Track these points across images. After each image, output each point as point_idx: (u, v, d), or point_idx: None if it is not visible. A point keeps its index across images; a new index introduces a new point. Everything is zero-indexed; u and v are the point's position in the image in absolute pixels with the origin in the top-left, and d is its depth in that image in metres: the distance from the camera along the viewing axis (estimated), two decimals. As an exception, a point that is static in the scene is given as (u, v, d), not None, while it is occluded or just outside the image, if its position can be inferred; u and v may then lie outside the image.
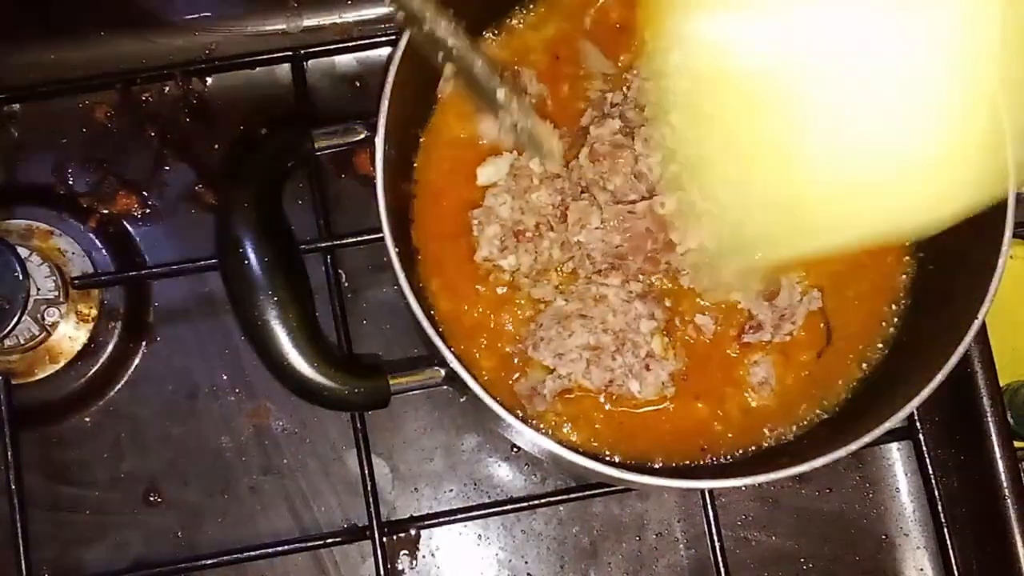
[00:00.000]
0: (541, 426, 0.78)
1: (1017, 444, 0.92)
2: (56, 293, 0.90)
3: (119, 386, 0.92)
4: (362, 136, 0.80)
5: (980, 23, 0.60)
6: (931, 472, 0.91)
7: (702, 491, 0.89)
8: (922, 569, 0.93)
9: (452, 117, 0.83)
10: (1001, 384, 0.91)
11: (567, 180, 0.80)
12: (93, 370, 0.91)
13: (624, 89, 0.81)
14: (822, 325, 0.81)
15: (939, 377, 0.71)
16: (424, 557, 0.91)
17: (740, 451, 0.79)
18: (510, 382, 0.79)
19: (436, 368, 0.77)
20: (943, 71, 0.62)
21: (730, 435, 0.79)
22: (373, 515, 0.88)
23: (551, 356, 0.77)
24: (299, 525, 0.91)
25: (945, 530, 0.90)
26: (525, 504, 0.91)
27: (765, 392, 0.79)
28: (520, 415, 0.77)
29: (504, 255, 0.79)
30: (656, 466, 0.78)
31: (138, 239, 0.94)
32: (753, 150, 0.67)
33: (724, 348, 0.80)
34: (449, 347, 0.71)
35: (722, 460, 0.79)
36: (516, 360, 0.79)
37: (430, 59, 0.73)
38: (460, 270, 0.80)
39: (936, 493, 0.90)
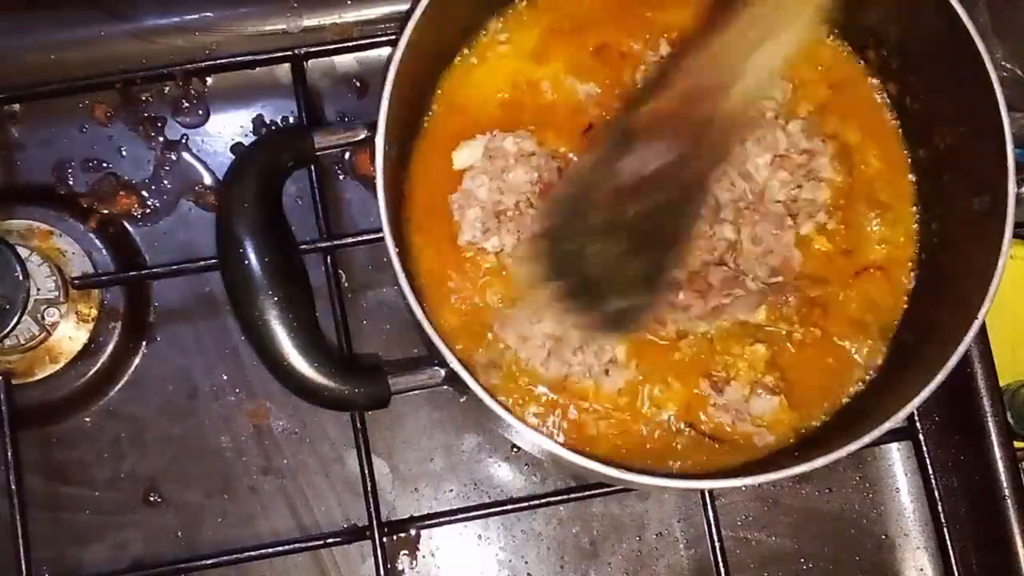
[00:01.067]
0: (540, 425, 0.78)
1: (1017, 444, 0.92)
2: (56, 293, 0.90)
3: (119, 386, 0.92)
4: (362, 136, 0.80)
5: None
6: (931, 472, 0.91)
7: (702, 491, 0.89)
8: (922, 569, 0.93)
9: (449, 117, 0.83)
10: (1001, 384, 0.91)
11: (542, 157, 0.80)
12: (93, 370, 0.91)
13: None
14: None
15: (939, 377, 0.71)
16: (424, 557, 0.91)
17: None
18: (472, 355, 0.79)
19: (436, 368, 0.77)
20: None
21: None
22: (373, 515, 0.88)
23: (515, 337, 0.77)
24: (299, 525, 0.91)
25: (945, 530, 0.90)
26: (525, 504, 0.90)
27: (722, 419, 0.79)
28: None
29: (487, 237, 0.79)
30: (656, 466, 0.79)
31: (138, 239, 0.94)
32: None
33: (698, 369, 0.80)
34: (449, 347, 0.71)
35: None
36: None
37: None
38: (461, 268, 0.80)
39: (936, 493, 0.90)
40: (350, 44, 0.95)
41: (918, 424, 0.91)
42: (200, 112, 0.96)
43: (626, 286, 0.71)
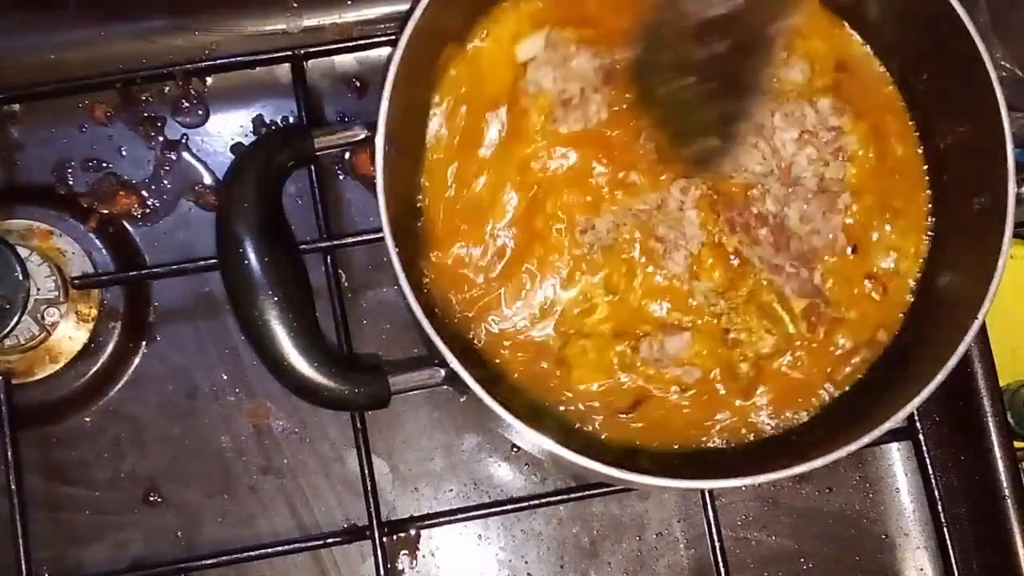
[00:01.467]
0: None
1: (1017, 444, 0.92)
2: (56, 293, 0.90)
3: (119, 386, 0.92)
4: (362, 136, 0.80)
5: None
6: (931, 472, 0.91)
7: (702, 491, 0.89)
8: (922, 569, 0.93)
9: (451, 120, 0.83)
10: (1001, 384, 0.91)
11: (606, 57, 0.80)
12: (93, 370, 0.91)
13: None
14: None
15: (939, 377, 0.71)
16: (424, 557, 0.91)
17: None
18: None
19: (436, 368, 0.77)
20: None
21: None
22: (373, 515, 0.88)
23: None
24: (299, 525, 0.91)
25: (945, 530, 0.90)
26: (525, 504, 0.91)
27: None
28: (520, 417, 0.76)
29: (557, 125, 0.80)
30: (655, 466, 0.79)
31: (138, 239, 0.94)
32: None
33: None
34: (449, 347, 0.71)
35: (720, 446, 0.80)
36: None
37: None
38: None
39: (936, 493, 0.90)
40: (350, 44, 0.95)
41: (918, 424, 0.91)
42: (200, 112, 0.96)
43: (702, 127, 0.76)
